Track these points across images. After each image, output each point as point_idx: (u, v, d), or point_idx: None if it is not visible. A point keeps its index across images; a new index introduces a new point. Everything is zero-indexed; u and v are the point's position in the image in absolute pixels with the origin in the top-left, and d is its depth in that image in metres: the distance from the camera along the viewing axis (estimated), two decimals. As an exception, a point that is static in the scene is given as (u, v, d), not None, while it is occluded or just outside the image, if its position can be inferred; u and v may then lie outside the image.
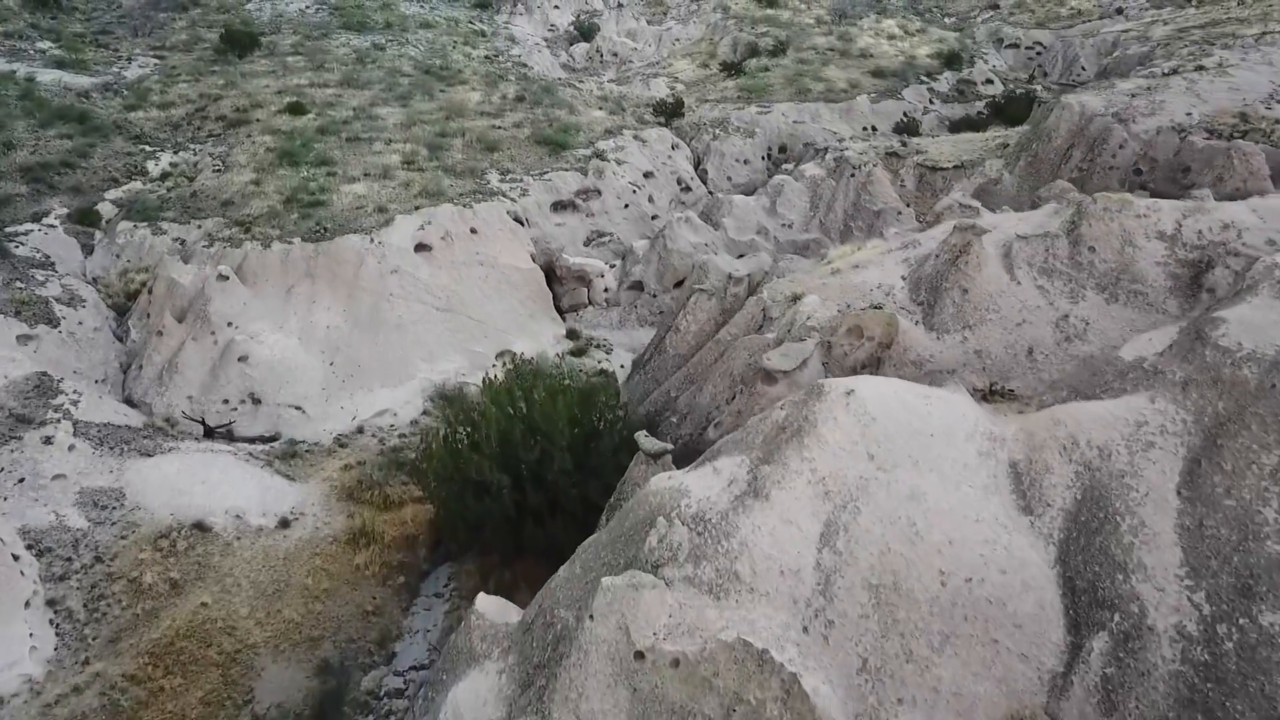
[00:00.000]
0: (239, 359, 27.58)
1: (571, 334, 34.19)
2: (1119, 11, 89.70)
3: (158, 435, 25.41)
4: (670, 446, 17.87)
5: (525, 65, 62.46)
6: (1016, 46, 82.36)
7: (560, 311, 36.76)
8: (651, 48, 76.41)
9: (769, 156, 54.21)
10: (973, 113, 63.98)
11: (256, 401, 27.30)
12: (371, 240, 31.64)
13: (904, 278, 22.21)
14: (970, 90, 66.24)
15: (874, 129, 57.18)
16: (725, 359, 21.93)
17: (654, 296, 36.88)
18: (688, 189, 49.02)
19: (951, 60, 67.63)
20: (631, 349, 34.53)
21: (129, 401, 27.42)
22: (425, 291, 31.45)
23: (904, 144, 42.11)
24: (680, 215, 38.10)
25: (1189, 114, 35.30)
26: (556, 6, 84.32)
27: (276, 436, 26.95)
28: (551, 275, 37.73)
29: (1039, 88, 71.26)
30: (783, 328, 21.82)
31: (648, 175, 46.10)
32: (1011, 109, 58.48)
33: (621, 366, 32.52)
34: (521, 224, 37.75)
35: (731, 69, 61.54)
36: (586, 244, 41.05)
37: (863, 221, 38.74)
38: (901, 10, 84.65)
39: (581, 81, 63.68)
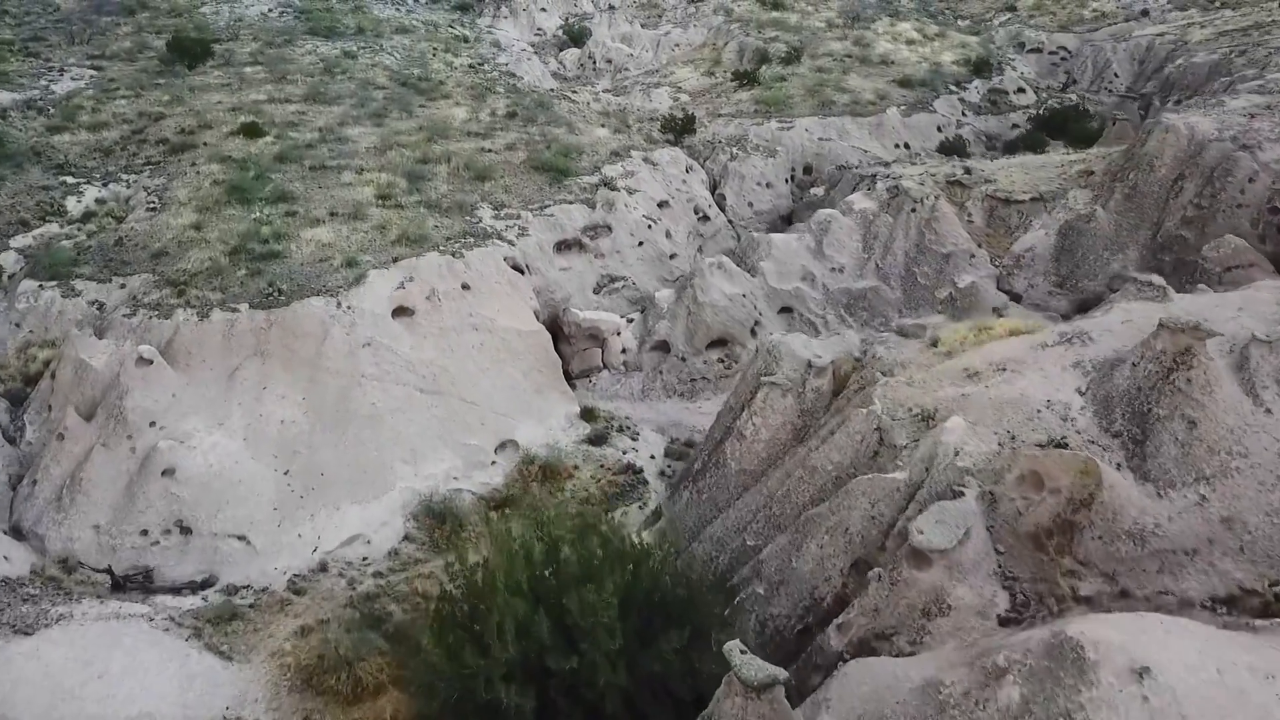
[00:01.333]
0: (163, 473, 21.04)
1: (587, 413, 27.80)
2: (1144, 13, 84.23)
3: (47, 591, 18.88)
4: (782, 675, 11.60)
5: (514, 75, 55.96)
6: (1039, 51, 76.64)
7: (569, 377, 30.38)
8: (649, 54, 70.09)
9: (792, 178, 48.04)
10: (1007, 126, 58.18)
11: (186, 531, 20.75)
12: (339, 305, 25.14)
13: (1081, 391, 15.97)
14: (1003, 101, 60.33)
15: (907, 146, 51.12)
16: (836, 509, 15.59)
17: (683, 360, 30.55)
18: (705, 218, 42.74)
19: (980, 68, 61.73)
20: (660, 428, 28.20)
21: (16, 532, 20.82)
22: (407, 369, 24.97)
23: (967, 171, 36.00)
24: (712, 261, 31.81)
25: (1325, 139, 29.22)
26: (543, 9, 77.87)
27: (211, 581, 20.43)
28: (558, 333, 31.36)
29: (1074, 97, 65.55)
30: (916, 465, 15.52)
31: (662, 205, 39.77)
32: (1057, 123, 52.63)
33: (652, 457, 26.20)
34: (521, 272, 31.33)
35: (744, 78, 55.34)
36: (596, 291, 34.67)
37: (929, 266, 32.56)
38: (914, 12, 78.74)
39: (575, 92, 57.28)
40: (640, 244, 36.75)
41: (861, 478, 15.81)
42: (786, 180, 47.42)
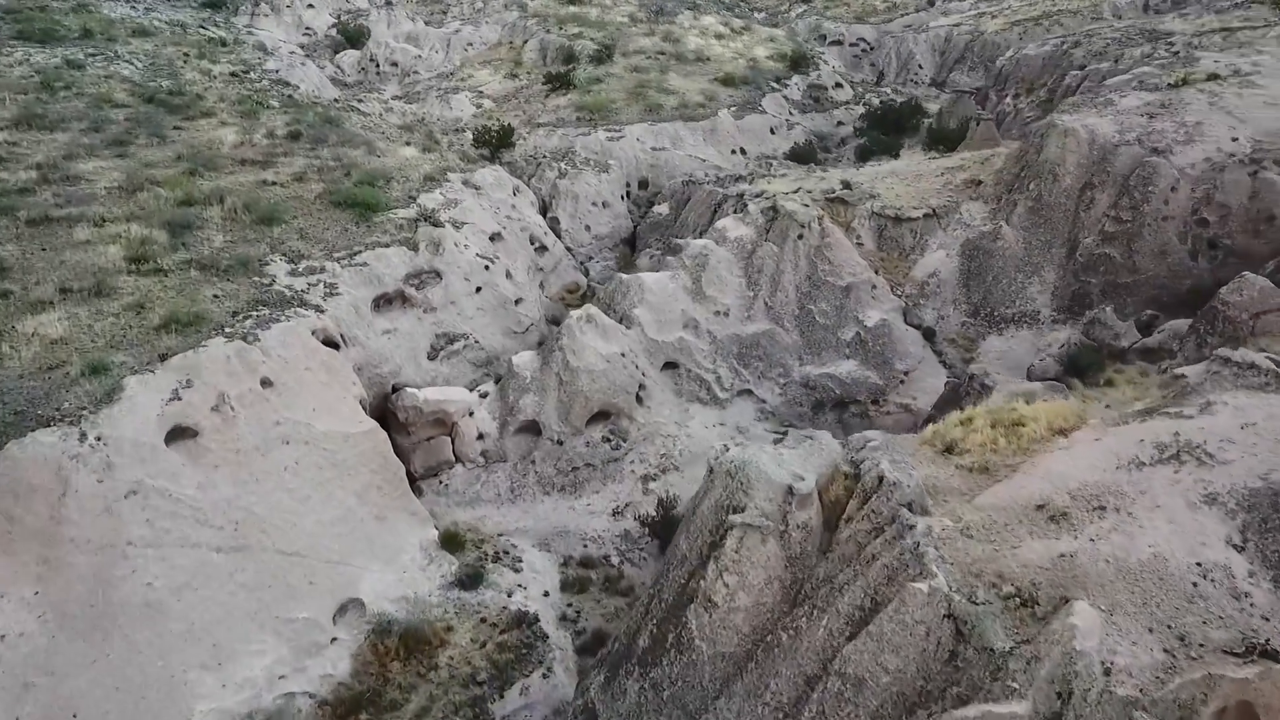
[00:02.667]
0: None
1: (449, 539, 21.20)
2: (930, 3, 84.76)
3: None
4: None
5: (287, 84, 47.41)
6: (840, 43, 75.20)
7: (413, 480, 23.62)
8: (439, 55, 62.69)
9: (628, 194, 42.65)
10: (833, 124, 55.29)
11: None
12: (83, 437, 17.35)
13: (1238, 545, 11.24)
14: (825, 98, 57.47)
15: (743, 151, 46.88)
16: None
17: (559, 444, 24.40)
18: (543, 249, 36.58)
19: (798, 63, 58.67)
20: (543, 542, 22.06)
21: None
22: (196, 522, 17.57)
23: (847, 185, 31.69)
24: (580, 315, 25.80)
25: (1235, 139, 26.75)
26: (310, 5, 68.63)
27: None
28: (391, 421, 24.50)
29: (891, 90, 63.81)
30: (1041, 688, 10.29)
31: (495, 238, 33.25)
32: (891, 121, 49.87)
33: (545, 594, 20.09)
34: (336, 346, 24.19)
35: (557, 81, 49.34)
36: (432, 356, 27.87)
37: (827, 303, 27.90)
38: (713, 6, 75.27)
39: (362, 101, 49.46)
40: (478, 290, 30.14)
41: (959, 715, 10.41)
42: (623, 197, 41.95)
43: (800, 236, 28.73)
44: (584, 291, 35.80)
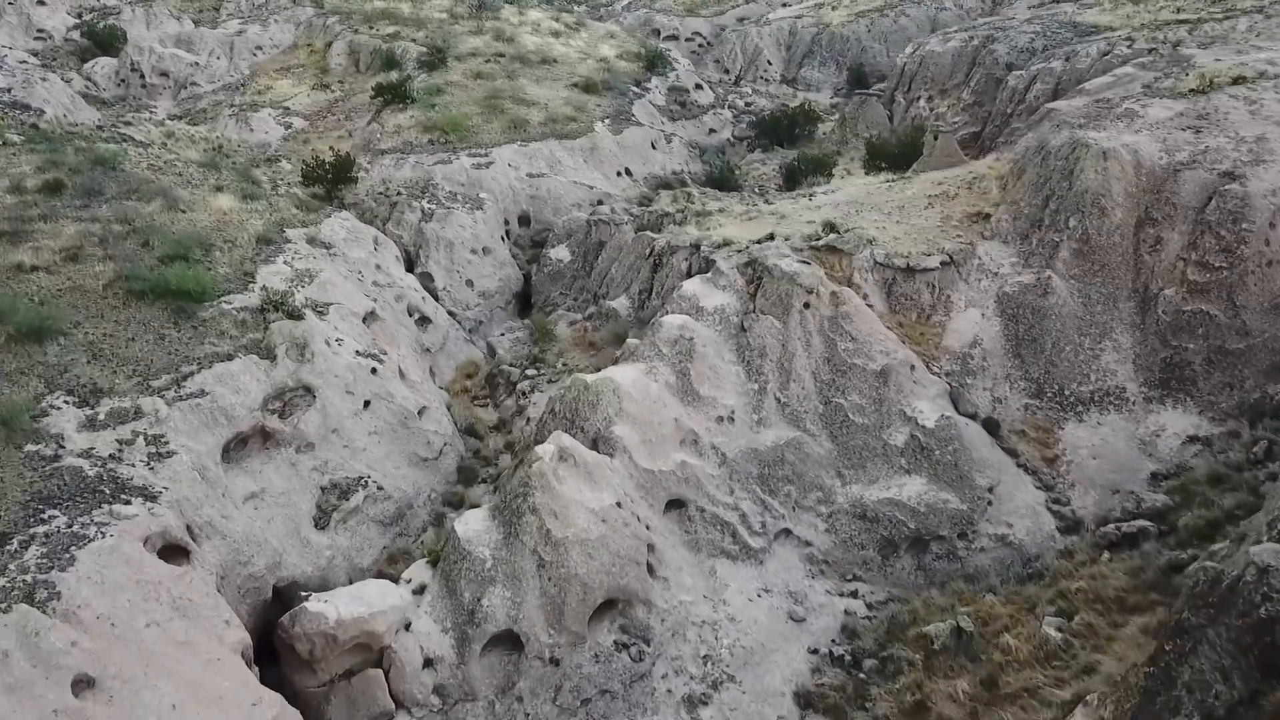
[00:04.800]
0: None
1: None
2: (757, -6, 79.94)
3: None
4: None
5: (27, 107, 35.71)
6: (675, 39, 68.89)
7: (333, 751, 14.87)
8: (222, 61, 51.25)
9: (508, 234, 34.28)
10: (704, 133, 48.86)
11: None
12: None
13: None
14: (689, 102, 50.90)
15: (628, 172, 39.46)
16: None
17: (554, 663, 16.21)
18: (424, 320, 27.83)
19: (654, 64, 51.75)
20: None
21: None
22: None
23: (832, 227, 24.93)
24: (549, 450, 17.59)
25: (1311, 157, 21.88)
26: (42, 2, 55.05)
27: None
28: (280, 652, 15.60)
29: (751, 91, 58.09)
30: None
31: (370, 319, 24.27)
32: (784, 130, 43.87)
33: None
34: (187, 553, 15.01)
35: (390, 93, 39.93)
36: (322, 523, 18.90)
37: (860, 394, 20.99)
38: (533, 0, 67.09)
39: (130, 124, 38.22)
40: (366, 405, 21.21)
41: None
42: (502, 238, 33.54)
43: (807, 306, 21.67)
44: (489, 374, 27.33)
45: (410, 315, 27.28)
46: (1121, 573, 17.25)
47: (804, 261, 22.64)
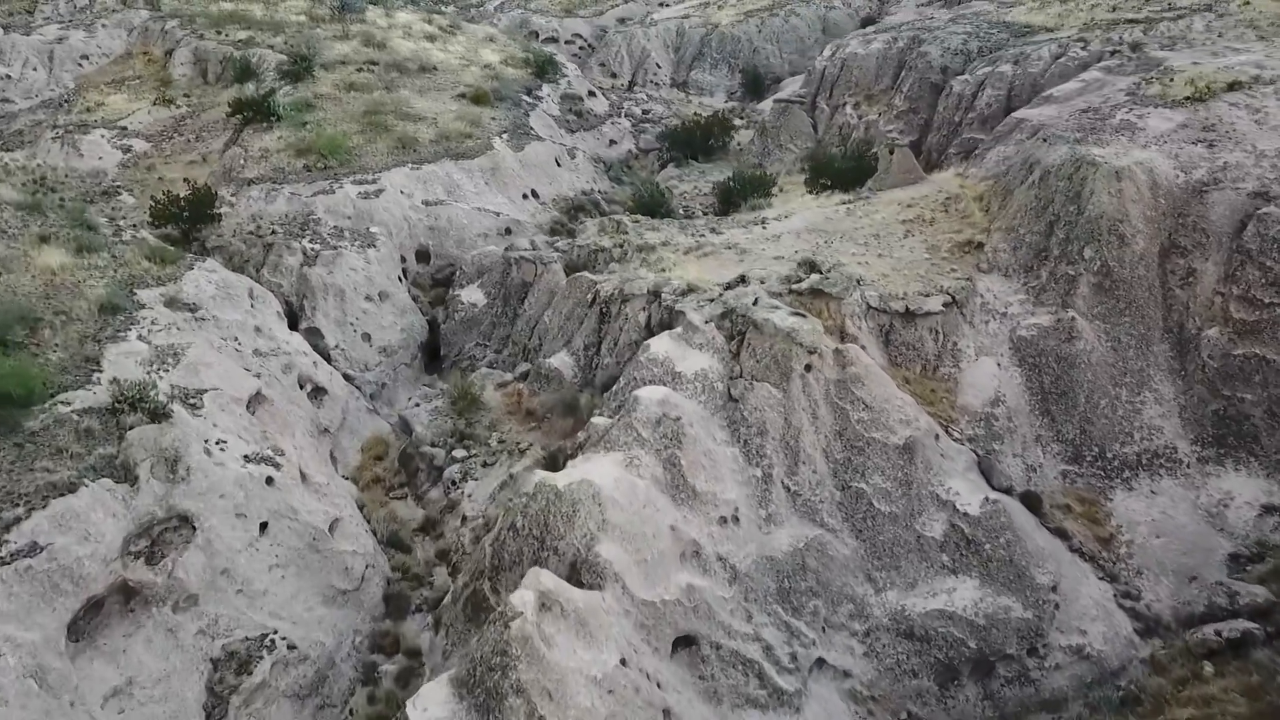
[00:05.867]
0: None
1: None
2: (635, -7, 76.38)
3: None
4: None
5: None
6: (555, 41, 64.53)
7: None
8: (39, 73, 43.99)
9: (406, 274, 29.38)
10: (605, 144, 44.85)
11: None
12: None
13: None
14: (584, 111, 46.73)
15: (535, 194, 35.01)
16: None
17: None
18: (319, 392, 22.80)
19: (544, 69, 47.31)
20: None
21: None
22: None
23: (813, 266, 21.26)
24: (529, 600, 13.20)
25: (1339, 172, 19.57)
26: None
27: None
28: None
29: (647, 97, 54.30)
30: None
31: (255, 403, 19.18)
32: (699, 142, 40.19)
33: None
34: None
35: (251, 110, 34.24)
36: (217, 714, 13.91)
37: (882, 475, 17.35)
38: (397, 0, 61.50)
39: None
40: (263, 529, 16.28)
41: None
42: (400, 278, 28.65)
43: (809, 369, 17.92)
44: (403, 453, 22.53)
45: (301, 387, 22.24)
46: (1236, 693, 14.18)
47: (797, 313, 18.86)
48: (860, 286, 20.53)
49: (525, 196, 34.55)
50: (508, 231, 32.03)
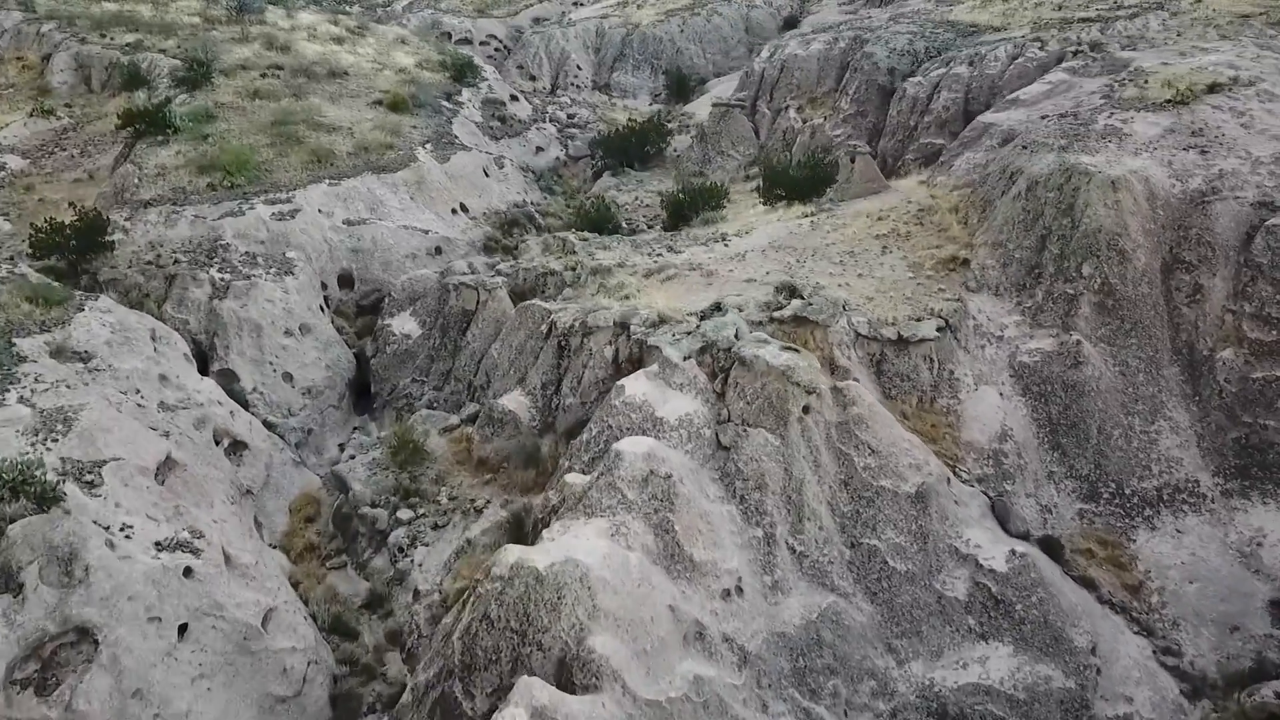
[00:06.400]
0: None
1: None
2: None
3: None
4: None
5: None
6: (469, 43, 61.66)
7: None
8: (-105, 81, 39.53)
9: (328, 303, 26.60)
10: (531, 152, 42.44)
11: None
12: None
13: None
14: (508, 117, 44.21)
15: (464, 208, 32.46)
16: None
17: None
18: (237, 446, 19.99)
19: (462, 73, 44.62)
20: None
21: None
22: None
23: (793, 290, 19.36)
24: (519, 713, 10.94)
25: (1338, 179, 18.62)
26: None
27: None
28: None
29: (571, 101, 51.92)
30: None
31: (165, 471, 16.36)
32: (635, 150, 38.03)
33: None
34: None
35: (144, 121, 30.87)
36: None
37: (895, 529, 15.50)
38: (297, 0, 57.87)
39: None
40: (183, 632, 13.59)
41: None
42: (321, 308, 25.88)
43: (806, 410, 15.99)
44: (338, 512, 19.85)
45: (218, 443, 19.43)
46: (1309, 768, 12.71)
47: (790, 347, 16.91)
48: (846, 312, 18.71)
49: (454, 211, 31.97)
50: (438, 251, 29.49)
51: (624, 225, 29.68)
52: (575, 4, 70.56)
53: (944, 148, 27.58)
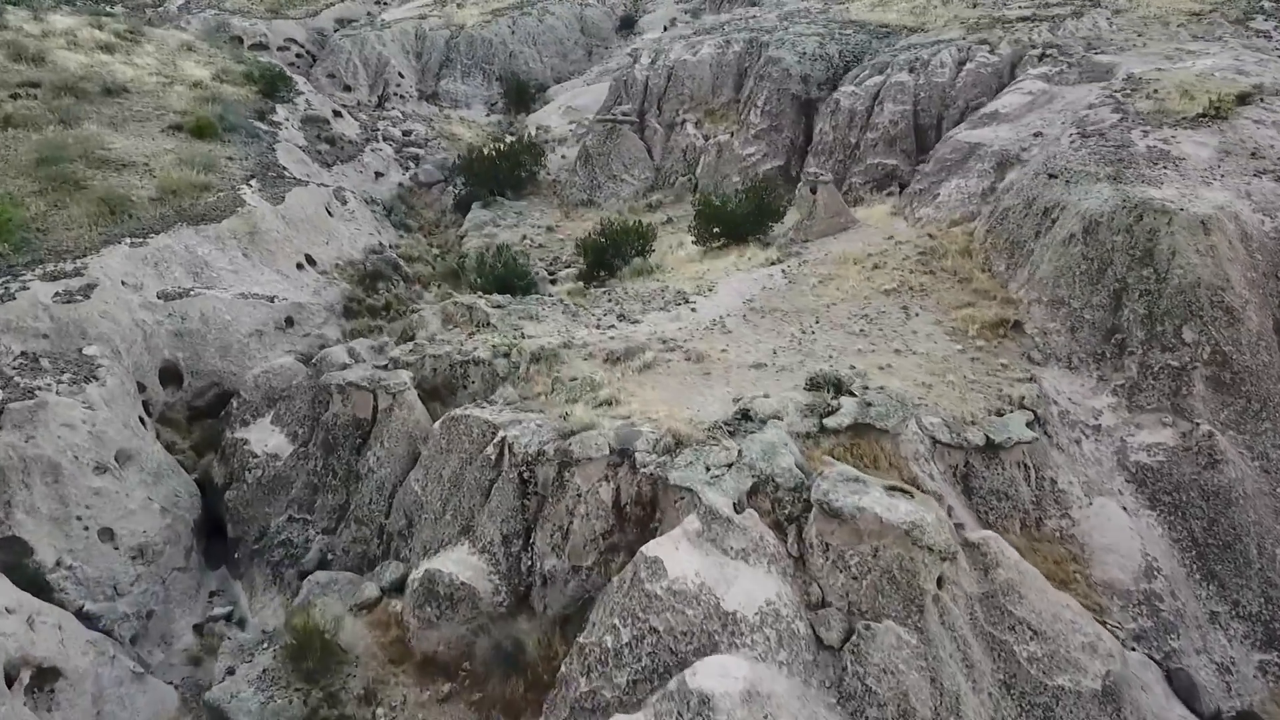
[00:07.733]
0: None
1: None
2: (345, -8, 66.04)
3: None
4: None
5: None
6: (265, 48, 53.46)
7: None
8: None
9: (150, 411, 19.53)
10: (370, 178, 35.82)
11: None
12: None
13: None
14: (337, 138, 37.26)
15: (310, 261, 25.88)
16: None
17: None
18: (42, 679, 13.13)
19: (274, 87, 37.30)
20: None
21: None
22: None
23: (838, 386, 14.53)
24: None
25: None
26: None
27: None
28: None
29: (402, 115, 45.03)
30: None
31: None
32: (506, 177, 32.08)
33: None
34: None
35: None
36: None
37: (1092, 745, 10.97)
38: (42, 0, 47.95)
39: None
40: None
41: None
42: (142, 420, 18.82)
43: (939, 584, 11.25)
44: (214, 764, 13.35)
45: (11, 683, 12.55)
46: None
47: (897, 488, 12.04)
48: (911, 413, 14.08)
49: (300, 266, 25.28)
50: (289, 323, 22.87)
51: (538, 280, 23.89)
52: (381, 3, 63.19)
53: (899, 170, 23.62)
